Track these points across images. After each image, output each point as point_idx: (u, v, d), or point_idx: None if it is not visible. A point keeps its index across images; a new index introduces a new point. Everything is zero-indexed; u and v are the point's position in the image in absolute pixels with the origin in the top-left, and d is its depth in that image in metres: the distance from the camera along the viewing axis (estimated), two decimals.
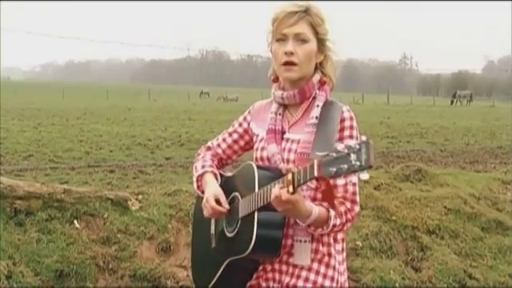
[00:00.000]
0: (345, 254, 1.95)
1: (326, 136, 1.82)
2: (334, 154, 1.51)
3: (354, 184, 1.82)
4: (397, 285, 4.24)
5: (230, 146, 2.12)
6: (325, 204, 1.78)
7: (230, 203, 1.95)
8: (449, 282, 4.38)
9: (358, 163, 1.45)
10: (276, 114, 1.95)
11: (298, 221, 1.79)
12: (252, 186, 1.84)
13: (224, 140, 2.14)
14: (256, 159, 1.98)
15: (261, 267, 1.91)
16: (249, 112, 2.10)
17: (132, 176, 8.66)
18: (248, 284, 1.93)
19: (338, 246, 1.91)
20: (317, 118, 1.86)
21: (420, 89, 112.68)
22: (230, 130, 2.13)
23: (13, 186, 4.10)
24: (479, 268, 4.64)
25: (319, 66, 1.93)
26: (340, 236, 1.92)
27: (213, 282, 1.97)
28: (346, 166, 1.47)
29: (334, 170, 1.49)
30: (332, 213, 1.78)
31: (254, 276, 1.92)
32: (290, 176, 1.66)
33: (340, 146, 1.51)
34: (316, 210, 1.75)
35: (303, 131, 1.87)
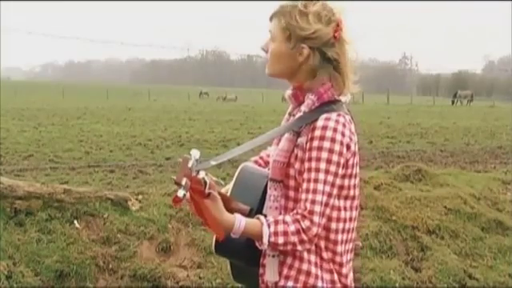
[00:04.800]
0: (335, 276, 1.74)
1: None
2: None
3: (313, 202, 1.64)
4: (397, 285, 4.24)
5: None
6: (264, 218, 1.66)
7: None
8: (449, 282, 4.37)
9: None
10: (290, 114, 1.87)
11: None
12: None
13: None
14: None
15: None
16: None
17: (132, 176, 8.68)
18: None
19: (326, 265, 1.73)
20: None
21: (420, 89, 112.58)
22: None
23: (13, 186, 4.10)
24: (479, 268, 4.64)
25: (314, 69, 1.76)
26: (327, 255, 1.73)
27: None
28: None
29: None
30: (266, 230, 1.63)
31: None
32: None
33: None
34: (242, 223, 1.63)
35: (284, 138, 1.76)
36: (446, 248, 4.81)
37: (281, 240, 1.63)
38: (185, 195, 1.54)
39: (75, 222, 4.13)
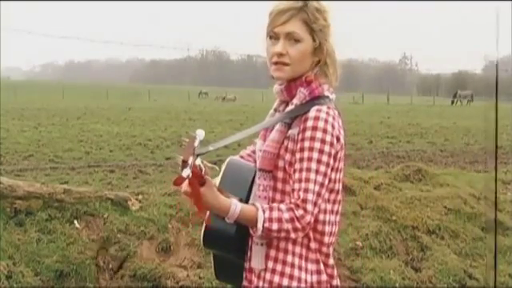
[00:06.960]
0: (321, 266, 1.77)
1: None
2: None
3: (306, 191, 1.66)
4: (397, 285, 4.24)
5: None
6: (259, 204, 1.68)
7: None
8: (449, 282, 4.37)
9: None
10: (276, 110, 1.89)
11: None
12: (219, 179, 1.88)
13: None
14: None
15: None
16: None
17: (132, 176, 8.68)
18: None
19: (312, 255, 1.76)
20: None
21: (420, 89, 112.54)
22: None
23: (13, 186, 4.10)
24: (479, 268, 4.63)
25: (321, 64, 1.80)
26: (314, 246, 1.76)
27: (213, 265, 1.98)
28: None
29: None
30: (261, 215, 1.65)
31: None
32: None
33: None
34: (238, 207, 1.65)
35: (275, 129, 1.79)
36: (445, 248, 4.81)
37: (275, 226, 1.65)
38: (188, 175, 1.53)
39: (75, 221, 4.13)
